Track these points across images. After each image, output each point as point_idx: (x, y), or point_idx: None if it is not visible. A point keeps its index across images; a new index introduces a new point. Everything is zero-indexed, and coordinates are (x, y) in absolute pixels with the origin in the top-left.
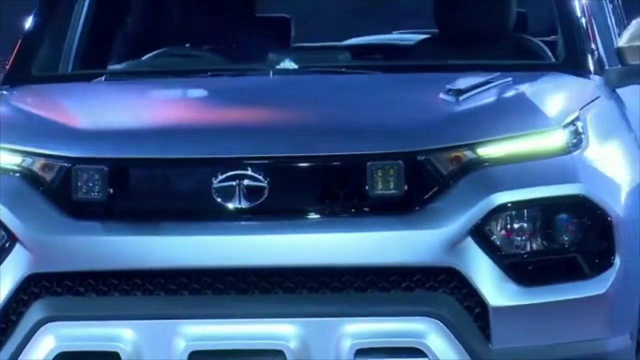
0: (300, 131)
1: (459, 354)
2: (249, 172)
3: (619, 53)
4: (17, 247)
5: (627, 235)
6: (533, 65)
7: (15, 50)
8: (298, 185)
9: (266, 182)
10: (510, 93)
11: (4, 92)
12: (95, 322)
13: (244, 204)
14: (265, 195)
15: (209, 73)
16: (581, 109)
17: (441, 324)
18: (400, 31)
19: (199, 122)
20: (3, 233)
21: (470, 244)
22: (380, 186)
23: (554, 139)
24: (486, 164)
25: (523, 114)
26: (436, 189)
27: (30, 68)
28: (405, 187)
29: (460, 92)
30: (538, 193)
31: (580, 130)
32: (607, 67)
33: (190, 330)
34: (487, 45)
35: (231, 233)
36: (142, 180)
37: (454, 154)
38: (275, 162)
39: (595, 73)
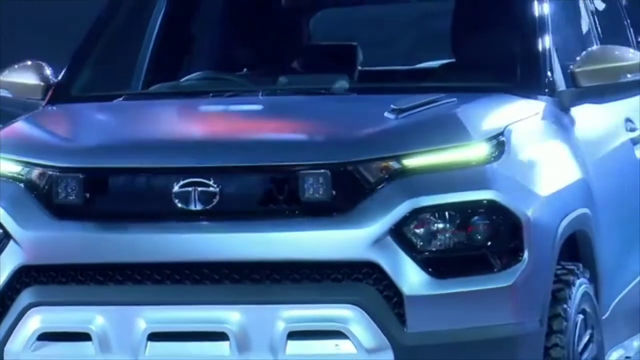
0: (246, 145)
1: (377, 337)
2: (203, 180)
3: (572, 76)
4: (11, 243)
5: (538, 235)
6: (488, 87)
7: (63, 72)
8: (244, 191)
9: (217, 188)
10: (445, 112)
11: (36, 111)
12: (72, 307)
13: (199, 207)
14: (217, 200)
15: (210, 94)
16: (508, 125)
17: (362, 311)
18: None
19: (163, 136)
20: (0, 231)
21: (390, 241)
22: (311, 192)
23: (475, 151)
24: (409, 172)
25: (448, 130)
26: (363, 194)
27: (70, 88)
28: (334, 193)
29: (401, 110)
30: (452, 198)
31: (503, 144)
32: (560, 89)
33: (150, 315)
34: (466, 70)
35: (187, 232)
36: (112, 186)
37: (380, 164)
38: (225, 171)
39: (547, 94)
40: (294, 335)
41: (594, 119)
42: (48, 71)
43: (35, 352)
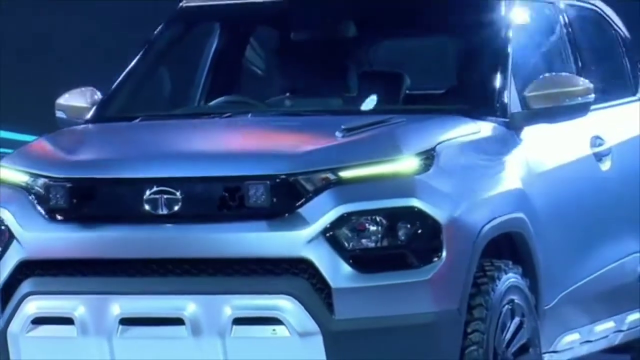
0: (203, 159)
1: (308, 323)
2: (168, 189)
3: (524, 100)
4: (14, 242)
5: (457, 236)
6: (449, 109)
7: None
8: (201, 198)
9: (180, 195)
10: (385, 131)
11: (57, 130)
12: (60, 296)
13: (165, 212)
14: (179, 205)
15: (212, 115)
16: (441, 143)
17: (296, 301)
18: None
19: (138, 152)
20: (6, 231)
21: (322, 241)
22: (254, 199)
23: (403, 165)
24: (343, 182)
25: (382, 146)
26: (301, 201)
27: (106, 110)
28: (274, 200)
29: (349, 129)
30: (378, 205)
31: (432, 158)
32: (513, 111)
33: (122, 303)
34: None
35: (155, 233)
36: (94, 193)
37: (318, 175)
38: (186, 181)
39: (498, 116)
40: (238, 321)
41: (549, 137)
42: (97, 95)
43: (29, 334)
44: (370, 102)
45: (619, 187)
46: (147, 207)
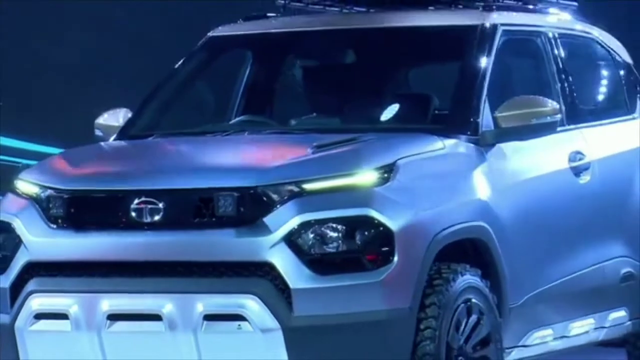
0: (181, 173)
1: (270, 320)
2: (152, 199)
3: (495, 120)
4: (22, 246)
5: (410, 243)
6: (424, 128)
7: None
8: (179, 208)
9: (162, 205)
10: (351, 147)
11: (83, 146)
12: (57, 294)
13: (149, 220)
14: (161, 214)
15: (215, 133)
16: (402, 158)
17: (259, 300)
18: None
19: (127, 167)
20: (15, 237)
21: (283, 247)
22: (224, 209)
23: (362, 178)
24: (305, 194)
25: (344, 161)
26: (267, 210)
27: (130, 129)
28: (242, 209)
29: (320, 146)
30: (335, 214)
31: (390, 172)
32: (483, 130)
33: (110, 301)
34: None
35: (139, 238)
36: (88, 203)
37: (283, 187)
38: (166, 193)
39: (468, 134)
40: (208, 317)
41: (522, 153)
42: (129, 115)
43: (31, 328)
44: (361, 120)
45: (600, 199)
46: (133, 215)
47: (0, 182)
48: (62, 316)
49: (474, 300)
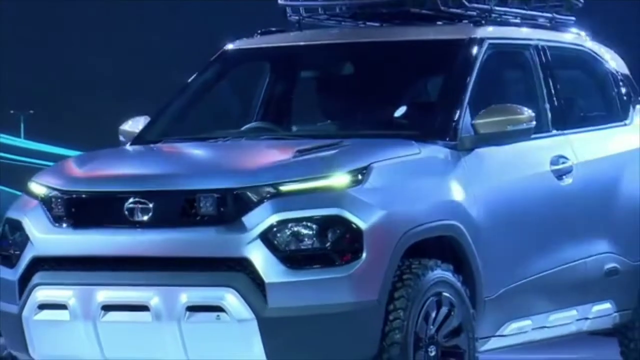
0: (169, 176)
1: (246, 311)
2: (143, 200)
3: (473, 126)
4: (29, 243)
5: (378, 240)
6: (407, 134)
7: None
8: (166, 208)
9: (151, 205)
10: (331, 152)
11: (94, 151)
12: (58, 286)
13: (140, 218)
14: (151, 213)
15: (218, 139)
16: (376, 162)
17: (236, 292)
18: None
19: (123, 170)
20: (25, 234)
21: (259, 244)
22: (205, 209)
23: (335, 181)
24: (281, 195)
25: (319, 165)
26: (245, 210)
27: (145, 135)
28: (222, 209)
29: (302, 151)
30: (308, 213)
31: (363, 175)
32: (462, 135)
33: (104, 293)
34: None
35: (131, 236)
36: (87, 203)
37: (261, 189)
38: (156, 194)
39: (447, 140)
40: (190, 308)
41: (499, 158)
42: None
43: (35, 317)
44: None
45: (583, 199)
46: (126, 214)
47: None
48: (62, 307)
49: (444, 293)
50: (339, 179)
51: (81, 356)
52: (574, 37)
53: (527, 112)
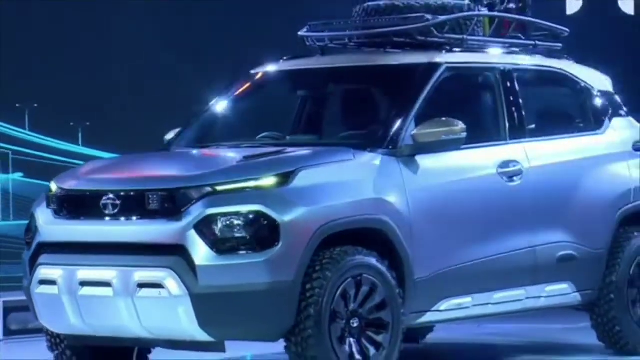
0: (132, 178)
1: (181, 288)
2: (113, 197)
3: (413, 136)
4: (38, 231)
5: (293, 232)
6: (352, 143)
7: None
8: (127, 204)
9: (119, 202)
10: (269, 158)
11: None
12: (52, 266)
13: (110, 212)
14: (119, 208)
15: (210, 146)
16: (304, 166)
17: (173, 272)
18: None
19: (108, 173)
20: (36, 225)
21: (193, 233)
22: (154, 204)
23: (263, 182)
24: (215, 193)
25: (254, 168)
26: (185, 205)
27: (170, 143)
28: (166, 205)
29: (248, 157)
30: (234, 209)
31: (289, 177)
32: (402, 144)
33: (82, 271)
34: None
35: (103, 226)
36: (74, 200)
37: (201, 189)
38: (121, 192)
39: (387, 148)
40: (140, 285)
41: (442, 163)
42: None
43: (37, 291)
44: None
45: (533, 197)
46: (101, 209)
47: None
48: (53, 283)
49: (365, 275)
50: (267, 181)
51: (69, 322)
52: (549, 60)
53: (460, 125)
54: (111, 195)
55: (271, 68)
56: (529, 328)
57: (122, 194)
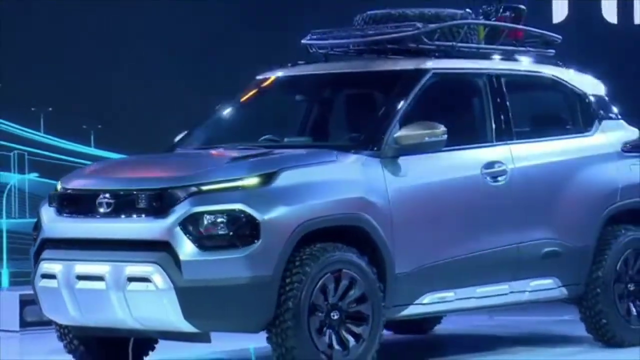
0: (125, 179)
1: (166, 281)
2: (107, 196)
3: (396, 139)
4: (42, 228)
5: (272, 229)
6: (339, 145)
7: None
8: (119, 202)
9: (113, 201)
10: (255, 159)
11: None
12: (52, 261)
13: (105, 210)
14: (113, 207)
15: (207, 148)
16: (286, 167)
17: (160, 267)
18: None
19: (104, 174)
20: (41, 222)
21: (178, 230)
22: (143, 204)
23: (246, 182)
24: (201, 193)
25: (239, 169)
26: (172, 204)
27: (173, 145)
28: (154, 204)
29: (237, 158)
30: (217, 207)
31: (271, 177)
32: (386, 146)
33: (79, 266)
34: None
35: (98, 223)
36: (73, 198)
37: (187, 189)
38: (115, 192)
39: (372, 149)
40: (130, 279)
41: (426, 164)
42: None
43: (39, 284)
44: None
45: (516, 197)
46: (98, 207)
47: None
48: (53, 277)
49: (344, 270)
50: (249, 181)
51: (69, 314)
52: (539, 66)
53: (441, 128)
54: (106, 195)
55: (277, 73)
56: (520, 320)
57: (116, 193)
